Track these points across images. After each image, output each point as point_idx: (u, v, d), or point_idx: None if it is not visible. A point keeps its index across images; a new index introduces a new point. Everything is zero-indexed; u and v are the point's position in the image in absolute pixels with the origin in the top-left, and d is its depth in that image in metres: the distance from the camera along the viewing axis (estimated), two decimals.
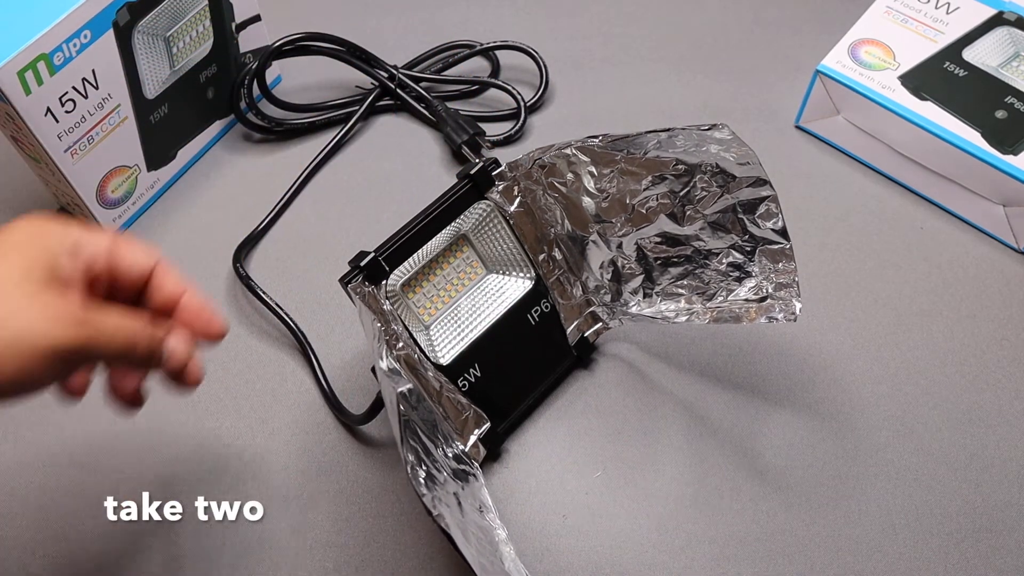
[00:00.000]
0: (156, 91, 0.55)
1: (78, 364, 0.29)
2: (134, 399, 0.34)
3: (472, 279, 0.48)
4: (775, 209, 0.41)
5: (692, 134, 0.40)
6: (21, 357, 0.26)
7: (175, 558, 0.45)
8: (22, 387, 0.28)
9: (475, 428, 0.46)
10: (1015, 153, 0.53)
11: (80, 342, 0.28)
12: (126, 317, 0.30)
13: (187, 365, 0.33)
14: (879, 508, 0.46)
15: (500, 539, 0.40)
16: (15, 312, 0.27)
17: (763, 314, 0.44)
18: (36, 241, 0.29)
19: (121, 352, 0.30)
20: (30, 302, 0.27)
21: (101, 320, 0.29)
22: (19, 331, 0.27)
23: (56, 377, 0.29)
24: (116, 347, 0.30)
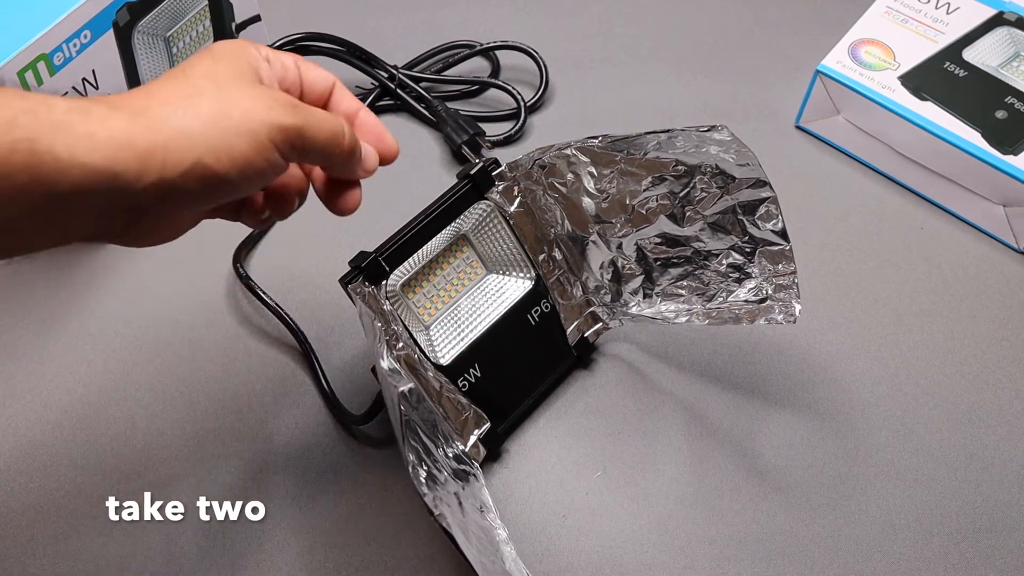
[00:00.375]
0: None
1: (294, 151, 0.30)
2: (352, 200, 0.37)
3: (472, 279, 0.48)
4: (775, 210, 0.41)
5: (692, 135, 0.40)
6: (252, 138, 0.28)
7: (176, 558, 0.45)
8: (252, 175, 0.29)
9: (475, 428, 0.46)
10: (1015, 153, 0.53)
11: (298, 124, 0.29)
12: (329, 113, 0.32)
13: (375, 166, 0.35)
14: (879, 508, 0.46)
15: (501, 539, 0.41)
16: (239, 101, 0.28)
17: (763, 315, 0.44)
18: (239, 52, 0.31)
19: (329, 140, 0.32)
20: (249, 94, 0.29)
21: (311, 109, 0.31)
22: (245, 115, 0.28)
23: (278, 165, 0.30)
24: (326, 134, 0.31)
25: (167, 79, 0.29)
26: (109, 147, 0.24)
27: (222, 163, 0.27)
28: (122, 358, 0.52)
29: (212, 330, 0.53)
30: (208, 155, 0.27)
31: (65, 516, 0.47)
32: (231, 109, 0.28)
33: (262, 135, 0.28)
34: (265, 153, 0.29)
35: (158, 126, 0.26)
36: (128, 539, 0.46)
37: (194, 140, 0.27)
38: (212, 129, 0.27)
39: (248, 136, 0.28)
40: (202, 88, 0.28)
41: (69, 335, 0.53)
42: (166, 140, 0.26)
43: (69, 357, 0.52)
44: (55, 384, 0.51)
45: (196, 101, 0.27)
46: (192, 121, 0.27)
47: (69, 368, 0.52)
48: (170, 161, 0.26)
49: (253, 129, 0.28)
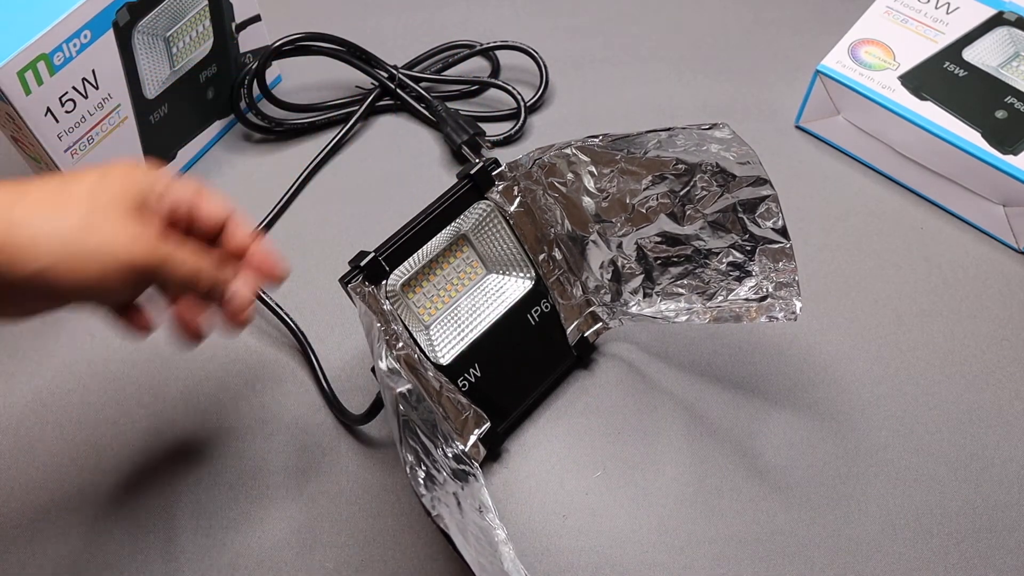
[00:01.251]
0: (156, 91, 0.55)
1: (147, 283, 0.33)
2: (196, 332, 0.38)
3: (472, 279, 0.48)
4: (775, 208, 0.41)
5: (692, 133, 0.40)
6: (101, 265, 0.30)
7: (175, 558, 0.45)
8: (97, 293, 0.32)
9: (475, 428, 0.46)
10: (1015, 153, 0.53)
11: (153, 263, 0.32)
12: (196, 253, 0.35)
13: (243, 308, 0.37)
14: (879, 508, 0.46)
15: (499, 539, 0.40)
16: (102, 227, 0.31)
17: (763, 313, 0.44)
18: (131, 177, 0.33)
19: (186, 279, 0.34)
20: (117, 223, 0.31)
21: (174, 250, 0.33)
22: (103, 243, 0.30)
23: (127, 291, 0.32)
24: (183, 274, 0.34)
25: (48, 183, 0.31)
26: None
27: (65, 279, 0.30)
28: (122, 358, 0.52)
29: None
30: (53, 268, 0.29)
31: (65, 516, 0.47)
32: (90, 235, 0.30)
33: (115, 264, 0.31)
34: (111, 282, 0.31)
35: (17, 229, 0.29)
36: (128, 539, 0.46)
37: (45, 251, 0.29)
38: (67, 247, 0.29)
39: (98, 263, 0.30)
40: (74, 205, 0.30)
41: (69, 335, 0.53)
42: (19, 244, 0.28)
43: (69, 357, 0.52)
44: (55, 384, 0.51)
45: (62, 215, 0.30)
46: (50, 234, 0.29)
47: (69, 368, 0.52)
48: (17, 263, 0.29)
49: (104, 259, 0.30)
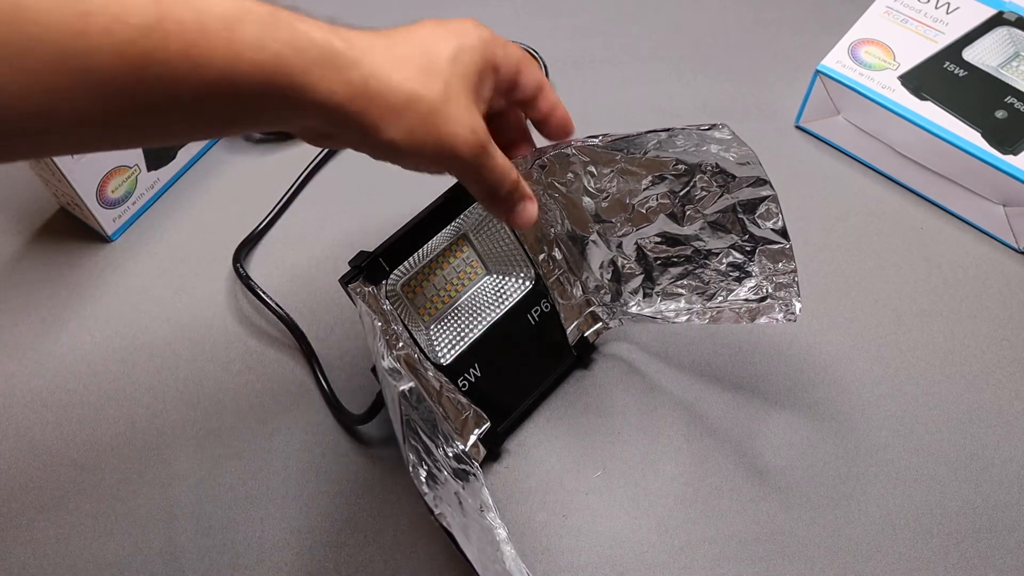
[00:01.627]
0: None
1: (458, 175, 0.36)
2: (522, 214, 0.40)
3: (472, 279, 0.48)
4: (775, 209, 0.41)
5: (692, 134, 0.40)
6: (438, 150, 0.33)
7: (176, 557, 0.45)
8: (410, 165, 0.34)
9: (475, 428, 0.46)
10: (1015, 153, 0.53)
11: (475, 161, 0.34)
12: (508, 162, 0.37)
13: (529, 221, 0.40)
14: (879, 508, 0.46)
15: (500, 538, 0.40)
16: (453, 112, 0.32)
17: (763, 314, 0.44)
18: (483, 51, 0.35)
19: (492, 183, 0.36)
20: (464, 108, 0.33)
21: (495, 153, 0.35)
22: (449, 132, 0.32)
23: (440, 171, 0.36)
24: (491, 179, 0.36)
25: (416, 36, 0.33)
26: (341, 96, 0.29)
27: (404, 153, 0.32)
28: (122, 358, 0.52)
29: (212, 330, 0.53)
30: (403, 141, 0.31)
31: (65, 516, 0.47)
32: (442, 120, 0.32)
33: (444, 154, 0.33)
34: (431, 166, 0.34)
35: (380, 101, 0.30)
36: (128, 539, 0.46)
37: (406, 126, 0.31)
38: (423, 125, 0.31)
39: (436, 148, 0.32)
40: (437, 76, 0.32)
41: (69, 335, 0.53)
42: (380, 115, 0.30)
43: (69, 357, 0.52)
44: (55, 384, 0.51)
45: (428, 85, 0.31)
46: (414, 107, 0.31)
47: (69, 368, 0.52)
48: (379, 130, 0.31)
49: (443, 146, 0.33)
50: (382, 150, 0.32)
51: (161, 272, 0.56)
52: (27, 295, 0.55)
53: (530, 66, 0.38)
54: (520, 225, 0.39)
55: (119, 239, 0.58)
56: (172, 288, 0.55)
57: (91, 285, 0.55)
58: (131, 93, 0.24)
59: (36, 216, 0.59)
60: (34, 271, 0.56)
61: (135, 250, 0.57)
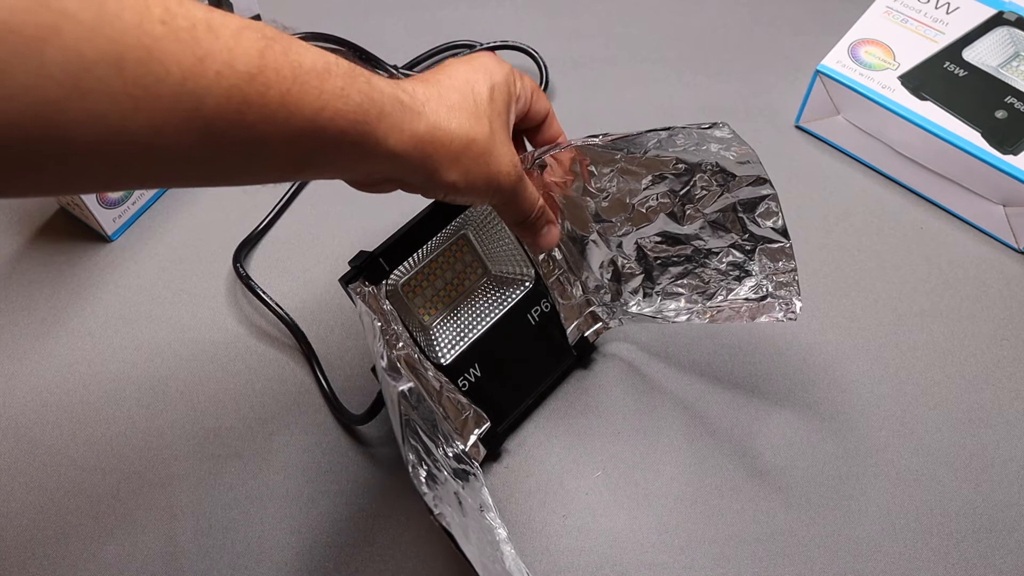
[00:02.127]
0: None
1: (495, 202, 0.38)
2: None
3: (472, 279, 0.48)
4: (775, 208, 0.41)
5: (692, 133, 0.40)
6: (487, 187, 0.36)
7: (176, 558, 0.45)
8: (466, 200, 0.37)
9: (475, 428, 0.46)
10: (1015, 153, 0.53)
11: (512, 191, 0.37)
12: (535, 189, 0.40)
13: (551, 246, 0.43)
14: (879, 508, 0.46)
15: (500, 538, 0.41)
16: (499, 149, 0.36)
17: (763, 313, 0.44)
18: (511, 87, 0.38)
19: (524, 209, 0.39)
20: (506, 144, 0.36)
21: (528, 182, 0.39)
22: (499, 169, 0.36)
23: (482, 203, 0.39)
24: (525, 204, 0.39)
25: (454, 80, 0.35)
26: (408, 145, 0.31)
27: (459, 192, 0.35)
28: (122, 358, 0.52)
29: (212, 330, 0.53)
30: (460, 182, 0.34)
31: (65, 516, 0.47)
32: (492, 158, 0.35)
33: (491, 188, 0.36)
34: (478, 199, 0.37)
35: (442, 148, 0.33)
36: (128, 539, 0.46)
37: (463, 169, 0.34)
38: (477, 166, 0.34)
39: (487, 184, 0.35)
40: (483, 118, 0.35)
41: (69, 335, 0.53)
42: (442, 160, 0.33)
43: (69, 357, 0.52)
44: (55, 384, 0.51)
45: (477, 127, 0.34)
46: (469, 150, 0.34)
47: (69, 368, 0.52)
48: (437, 175, 0.33)
49: (492, 182, 0.36)
50: (440, 190, 0.35)
51: (161, 272, 0.56)
52: (27, 295, 0.55)
53: (541, 96, 0.42)
54: (543, 247, 0.43)
55: (119, 239, 0.58)
56: (172, 288, 0.55)
57: (91, 285, 0.55)
58: (231, 134, 0.26)
59: (36, 216, 0.59)
60: (34, 271, 0.56)
61: (135, 250, 0.57)
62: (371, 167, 0.32)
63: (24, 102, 0.21)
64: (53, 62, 0.21)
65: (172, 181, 0.28)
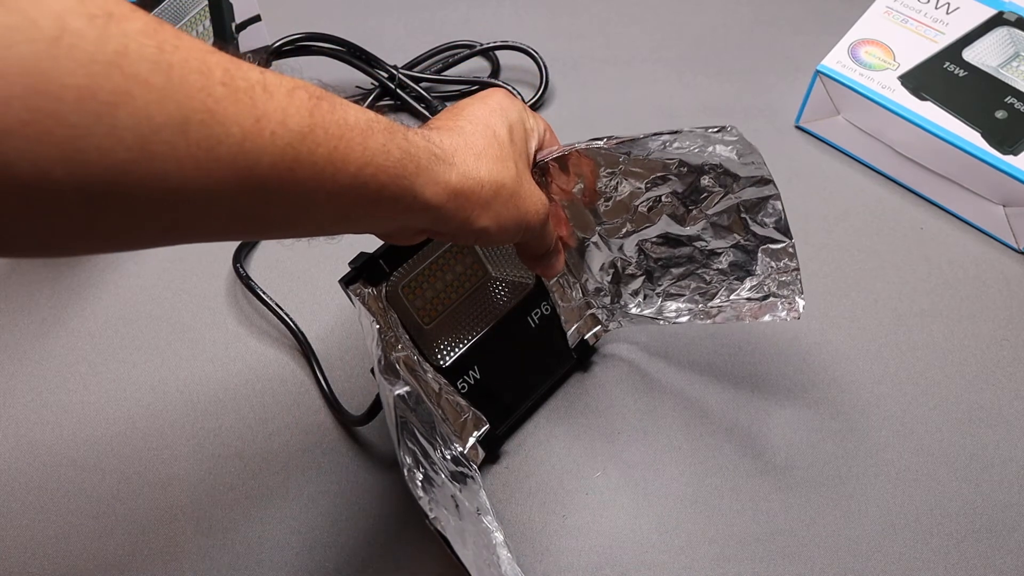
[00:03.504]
0: None
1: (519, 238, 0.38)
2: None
3: (472, 281, 0.48)
4: (778, 208, 0.41)
5: (698, 136, 0.40)
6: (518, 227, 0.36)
7: (175, 558, 0.45)
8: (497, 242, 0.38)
9: (474, 430, 0.46)
10: (1015, 153, 0.53)
11: (544, 220, 0.38)
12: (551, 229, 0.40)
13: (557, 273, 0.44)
14: (879, 508, 0.46)
15: (497, 542, 0.40)
16: (525, 189, 0.36)
17: (766, 313, 0.44)
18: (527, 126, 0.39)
19: (544, 244, 0.40)
20: (531, 183, 0.37)
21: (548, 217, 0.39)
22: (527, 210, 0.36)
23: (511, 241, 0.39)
24: (545, 241, 0.40)
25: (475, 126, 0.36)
26: (443, 197, 0.32)
27: (491, 237, 0.35)
28: (122, 358, 0.52)
29: (212, 330, 0.53)
30: (492, 227, 0.35)
31: (65, 516, 0.47)
32: (520, 199, 0.36)
33: (521, 228, 0.37)
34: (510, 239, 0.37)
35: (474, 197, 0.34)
36: (128, 539, 0.46)
37: (494, 214, 0.35)
38: (502, 210, 0.35)
39: (517, 225, 0.36)
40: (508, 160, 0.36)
41: (69, 335, 0.53)
42: (474, 208, 0.34)
43: (69, 357, 0.52)
44: (55, 384, 0.51)
45: (504, 172, 0.35)
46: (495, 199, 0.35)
47: (69, 368, 0.52)
48: (469, 223, 0.34)
49: (522, 223, 0.36)
50: (473, 236, 0.35)
51: (161, 272, 0.56)
52: (27, 295, 0.55)
53: (551, 135, 0.43)
54: (552, 276, 0.44)
55: None
56: (172, 288, 0.55)
57: (91, 285, 0.55)
58: (282, 191, 0.26)
59: None
60: (34, 271, 0.56)
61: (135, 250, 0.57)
62: (408, 219, 0.32)
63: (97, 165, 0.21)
64: (124, 126, 0.21)
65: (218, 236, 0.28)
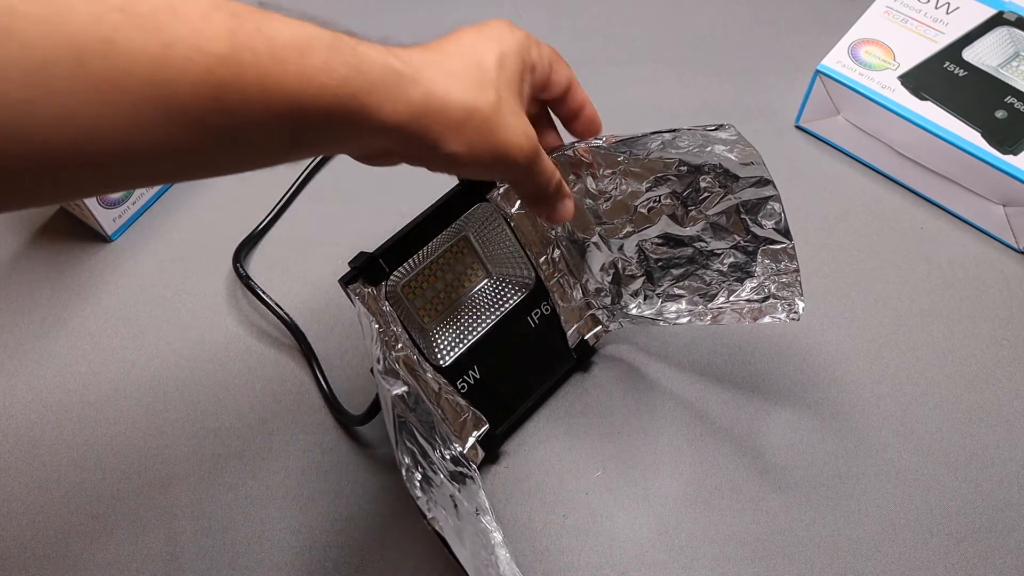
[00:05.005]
0: None
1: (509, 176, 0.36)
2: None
3: (472, 281, 0.48)
4: (778, 209, 0.41)
5: (697, 135, 0.40)
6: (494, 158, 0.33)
7: (175, 557, 0.45)
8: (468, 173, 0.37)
9: (473, 430, 0.46)
10: (1015, 153, 0.53)
11: (527, 164, 0.35)
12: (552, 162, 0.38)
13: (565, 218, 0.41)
14: (879, 508, 0.46)
15: (496, 542, 0.40)
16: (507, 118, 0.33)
17: (766, 314, 0.44)
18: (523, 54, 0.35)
19: (542, 183, 0.37)
20: (516, 114, 0.34)
21: (544, 154, 0.37)
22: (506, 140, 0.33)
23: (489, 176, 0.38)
24: (542, 178, 0.37)
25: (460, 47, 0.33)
26: (404, 116, 0.29)
27: (464, 164, 0.33)
28: (122, 358, 0.52)
29: (212, 330, 0.53)
30: (464, 154, 0.32)
31: (65, 516, 0.47)
32: (498, 128, 0.33)
33: (500, 161, 0.34)
34: (491, 172, 0.36)
35: (441, 117, 0.31)
36: (128, 539, 0.46)
37: (466, 140, 0.32)
38: (481, 136, 0.32)
39: (493, 156, 0.33)
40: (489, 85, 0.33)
41: (69, 335, 0.53)
42: (441, 131, 0.31)
43: (69, 357, 0.52)
44: (55, 384, 0.51)
45: (482, 95, 0.32)
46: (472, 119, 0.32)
47: (69, 368, 0.52)
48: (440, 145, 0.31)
49: (499, 154, 0.33)
50: (443, 163, 0.33)
51: (161, 272, 0.56)
52: (27, 295, 0.55)
53: (561, 64, 0.39)
54: (558, 221, 0.41)
55: (119, 239, 0.58)
56: (172, 288, 0.55)
57: (91, 285, 0.55)
58: (209, 121, 0.25)
59: (36, 216, 0.59)
60: (34, 271, 0.56)
61: (135, 250, 0.57)
62: (367, 141, 0.30)
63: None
64: (8, 63, 0.20)
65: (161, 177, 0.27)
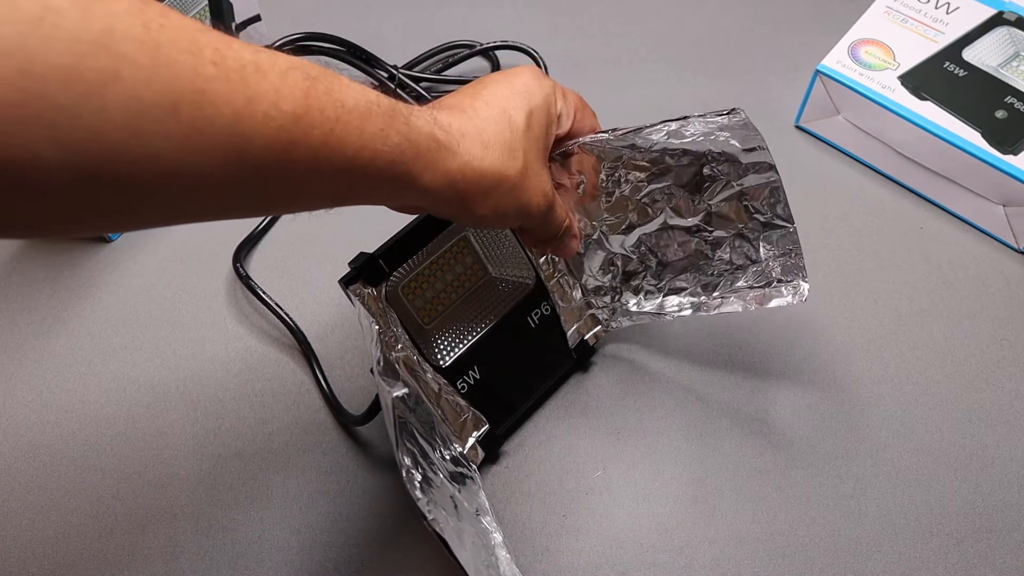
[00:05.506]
0: None
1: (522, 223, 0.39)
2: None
3: (472, 281, 0.48)
4: (779, 194, 0.41)
5: (705, 121, 0.40)
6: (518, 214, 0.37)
7: (175, 557, 0.45)
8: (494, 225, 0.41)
9: (473, 430, 0.46)
10: (1015, 153, 0.53)
11: (545, 211, 0.38)
12: (564, 208, 0.41)
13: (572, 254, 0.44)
14: (879, 508, 0.46)
15: (496, 543, 0.40)
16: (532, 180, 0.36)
17: (771, 299, 0.43)
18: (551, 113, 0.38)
19: (554, 229, 0.40)
20: (540, 173, 0.37)
21: (557, 204, 0.39)
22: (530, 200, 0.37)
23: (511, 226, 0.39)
24: (553, 227, 0.40)
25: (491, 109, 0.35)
26: (441, 184, 0.32)
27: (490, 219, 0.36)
28: (122, 358, 0.52)
29: (212, 330, 0.53)
30: (490, 215, 0.35)
31: (65, 516, 0.47)
32: (525, 190, 0.36)
33: (521, 214, 0.37)
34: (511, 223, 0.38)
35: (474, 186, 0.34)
36: (128, 539, 0.46)
37: (494, 204, 0.35)
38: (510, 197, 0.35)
39: (517, 213, 0.36)
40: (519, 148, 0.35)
41: (69, 335, 0.53)
42: (474, 196, 0.34)
43: (69, 357, 0.52)
44: (55, 384, 0.51)
45: (511, 160, 0.35)
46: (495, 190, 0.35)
47: (69, 368, 0.52)
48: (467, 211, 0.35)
49: (523, 211, 0.37)
50: (472, 222, 0.36)
51: (161, 272, 0.56)
52: (27, 295, 0.55)
53: (585, 112, 0.42)
54: (563, 256, 0.44)
55: (119, 239, 0.58)
56: (172, 288, 0.55)
57: (91, 285, 0.55)
58: (278, 171, 0.27)
59: None
60: (34, 271, 0.56)
61: (135, 250, 0.57)
62: (405, 200, 0.33)
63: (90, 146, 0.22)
64: (113, 106, 0.22)
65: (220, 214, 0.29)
